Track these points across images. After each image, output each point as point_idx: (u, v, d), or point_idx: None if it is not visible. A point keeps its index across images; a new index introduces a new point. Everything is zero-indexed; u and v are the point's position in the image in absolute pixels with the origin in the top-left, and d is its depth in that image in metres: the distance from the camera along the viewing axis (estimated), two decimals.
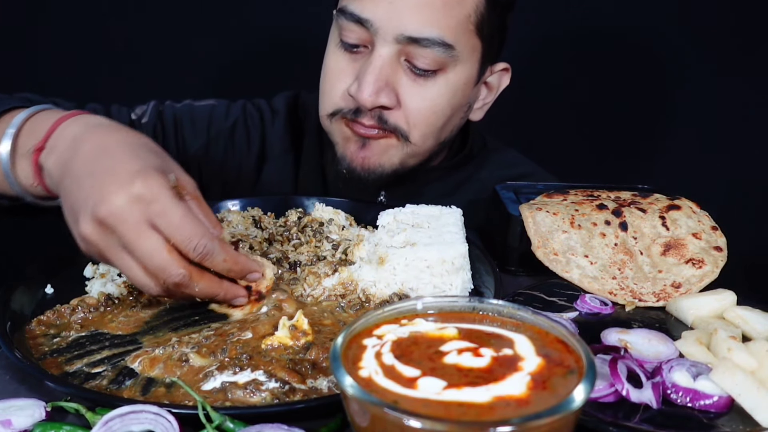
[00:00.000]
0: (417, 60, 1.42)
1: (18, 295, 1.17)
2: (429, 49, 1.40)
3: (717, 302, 1.15)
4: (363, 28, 1.41)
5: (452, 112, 1.52)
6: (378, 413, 0.64)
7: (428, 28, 1.38)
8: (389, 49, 1.41)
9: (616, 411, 0.90)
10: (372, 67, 1.41)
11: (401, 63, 1.44)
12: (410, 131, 1.49)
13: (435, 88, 1.46)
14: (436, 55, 1.41)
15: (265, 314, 1.13)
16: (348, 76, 1.47)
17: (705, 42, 2.45)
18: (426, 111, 1.47)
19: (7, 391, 0.97)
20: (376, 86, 1.41)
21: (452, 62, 1.44)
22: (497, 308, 0.80)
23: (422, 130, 1.50)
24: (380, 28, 1.39)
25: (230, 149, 1.77)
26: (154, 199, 0.96)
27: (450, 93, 1.48)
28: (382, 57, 1.41)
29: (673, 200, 1.36)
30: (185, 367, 0.98)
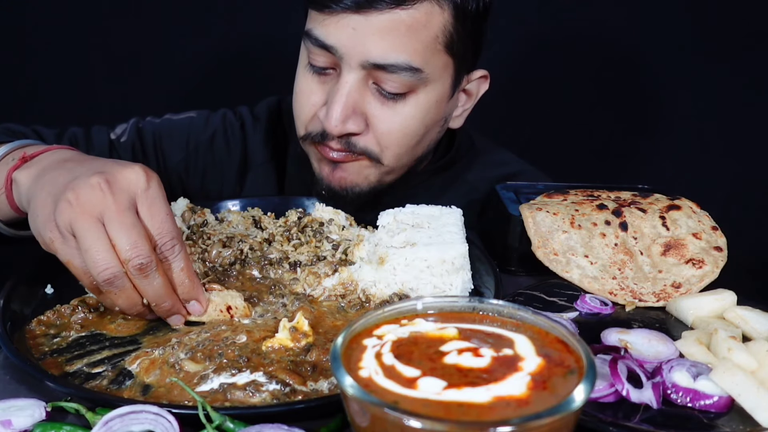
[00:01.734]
0: (385, 84, 1.39)
1: (18, 295, 1.17)
2: (396, 75, 1.36)
3: (717, 302, 1.15)
4: (328, 53, 1.38)
5: (425, 131, 1.49)
6: (378, 413, 0.64)
7: (394, 53, 1.35)
8: (356, 74, 1.38)
9: (616, 411, 0.90)
10: (339, 95, 1.38)
11: (369, 86, 1.41)
12: (381, 153, 1.47)
13: (405, 109, 1.43)
14: (404, 80, 1.38)
15: (261, 318, 1.13)
16: (317, 98, 1.45)
17: (705, 42, 2.45)
18: (397, 133, 1.45)
19: (7, 391, 0.97)
20: (343, 114, 1.38)
21: (422, 84, 1.41)
22: (497, 308, 0.80)
23: (394, 151, 1.47)
24: (345, 54, 1.36)
25: (210, 161, 1.75)
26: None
27: (422, 113, 1.45)
28: (349, 83, 1.38)
29: (673, 200, 1.36)
30: (180, 374, 0.98)
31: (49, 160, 1.16)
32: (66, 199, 0.99)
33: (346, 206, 1.50)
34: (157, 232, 1.02)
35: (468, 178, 1.73)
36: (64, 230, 1.00)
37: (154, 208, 1.02)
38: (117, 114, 2.63)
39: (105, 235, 0.98)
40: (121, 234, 0.98)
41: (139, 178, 1.02)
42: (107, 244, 0.98)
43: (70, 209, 0.99)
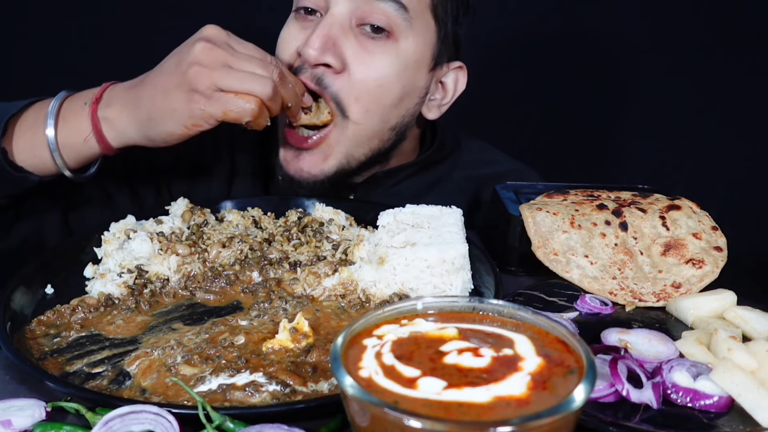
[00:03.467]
0: (370, 17, 1.40)
1: (18, 295, 1.17)
2: (383, 4, 1.39)
3: (717, 302, 1.15)
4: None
5: (402, 91, 1.47)
6: (378, 413, 0.64)
7: None
8: (342, 7, 1.40)
9: (616, 411, 0.90)
10: (322, 25, 1.40)
11: (353, 28, 1.42)
12: (349, 105, 1.43)
13: (384, 55, 1.43)
14: (389, 13, 1.40)
15: (257, 319, 1.13)
16: (298, 41, 1.44)
17: (706, 41, 2.45)
18: (372, 82, 1.43)
19: (7, 391, 0.97)
20: (322, 41, 1.38)
21: (405, 29, 1.42)
22: (497, 308, 0.80)
23: (365, 103, 1.44)
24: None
25: (198, 165, 1.73)
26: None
27: (399, 66, 1.44)
28: (334, 16, 1.40)
29: (673, 200, 1.36)
30: (177, 377, 0.97)
31: (119, 92, 1.30)
32: (192, 72, 1.19)
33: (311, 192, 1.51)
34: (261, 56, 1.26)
35: (454, 177, 1.72)
36: (208, 91, 1.19)
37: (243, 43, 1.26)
38: None
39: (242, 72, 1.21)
40: (252, 63, 1.22)
41: (217, 30, 1.24)
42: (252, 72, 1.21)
43: (201, 74, 1.19)
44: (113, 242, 1.33)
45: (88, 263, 1.31)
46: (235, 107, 1.21)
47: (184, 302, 1.21)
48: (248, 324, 1.11)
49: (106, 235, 1.36)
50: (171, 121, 1.24)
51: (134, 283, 1.22)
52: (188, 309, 1.19)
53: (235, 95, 1.21)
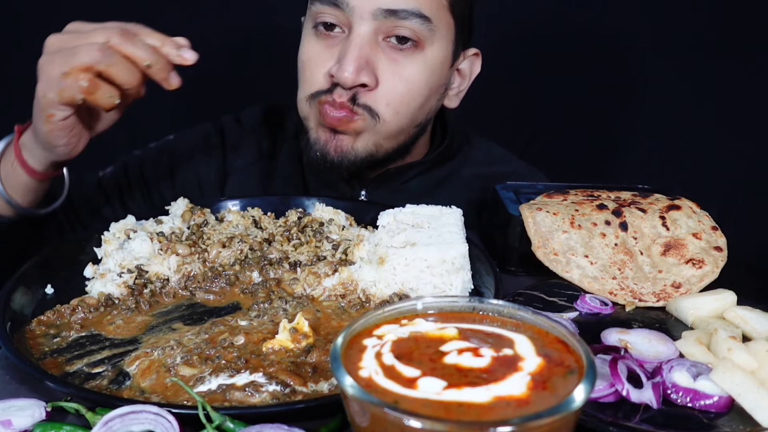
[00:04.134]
0: (396, 31, 1.42)
1: (18, 295, 1.17)
2: (407, 21, 1.41)
3: (717, 302, 1.15)
4: (339, 10, 1.43)
5: (429, 93, 1.53)
6: (378, 413, 0.64)
7: (405, 0, 1.40)
8: (367, 26, 1.41)
9: (616, 411, 0.90)
10: (352, 46, 1.41)
11: (379, 42, 1.44)
12: (380, 109, 1.47)
13: (413, 66, 1.47)
14: (414, 26, 1.42)
15: (257, 319, 1.13)
16: (327, 61, 1.47)
17: (706, 41, 2.45)
18: (402, 89, 1.47)
19: (7, 391, 0.97)
20: (357, 64, 1.41)
21: (430, 37, 1.45)
22: (497, 308, 0.80)
23: (396, 108, 1.48)
24: (356, 7, 1.40)
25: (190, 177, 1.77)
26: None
27: (428, 72, 1.49)
28: (361, 36, 1.42)
29: (673, 200, 1.36)
30: (177, 378, 0.97)
31: None
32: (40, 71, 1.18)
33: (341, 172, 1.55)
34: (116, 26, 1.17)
35: (463, 174, 1.75)
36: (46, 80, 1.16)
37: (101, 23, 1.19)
38: None
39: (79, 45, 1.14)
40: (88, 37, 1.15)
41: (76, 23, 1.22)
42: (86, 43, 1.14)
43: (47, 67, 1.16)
44: (113, 242, 1.33)
45: (88, 263, 1.31)
46: (65, 86, 1.14)
47: (184, 302, 1.21)
48: (248, 324, 1.11)
49: (106, 235, 1.36)
50: (39, 122, 1.22)
51: (134, 283, 1.22)
52: (188, 309, 1.19)
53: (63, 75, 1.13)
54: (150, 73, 1.17)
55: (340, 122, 1.48)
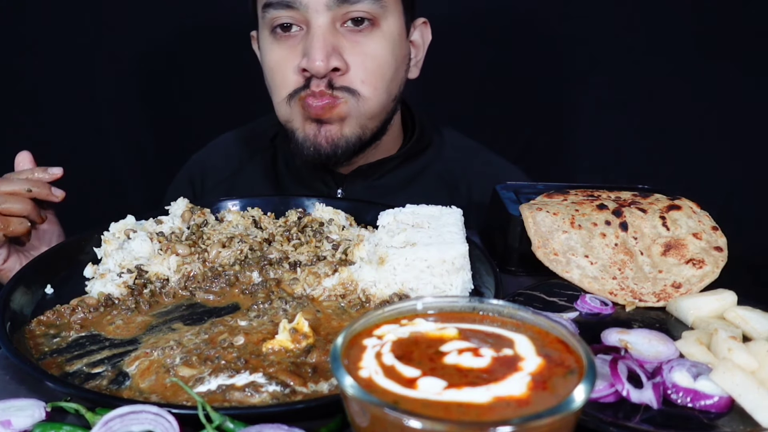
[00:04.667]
0: (351, 14, 1.49)
1: (18, 295, 1.17)
2: (359, 4, 1.49)
3: (717, 302, 1.15)
4: (293, 10, 1.49)
5: (396, 64, 1.60)
6: (378, 413, 0.64)
7: None
8: (324, 18, 1.48)
9: (617, 411, 0.90)
10: (316, 37, 1.48)
11: (338, 29, 1.51)
12: (358, 87, 1.54)
13: (374, 42, 1.54)
14: (367, 7, 1.50)
15: (257, 319, 1.13)
16: (293, 60, 1.53)
17: (706, 41, 2.44)
18: (372, 65, 1.54)
19: (7, 391, 0.97)
20: (324, 51, 1.47)
21: (383, 13, 1.53)
22: (497, 308, 0.80)
23: (372, 83, 1.55)
24: (309, 3, 1.47)
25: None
26: None
27: (390, 44, 1.56)
28: (321, 26, 1.48)
29: (673, 200, 1.36)
30: (176, 378, 0.97)
31: None
32: None
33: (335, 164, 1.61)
34: None
35: (437, 166, 1.79)
36: None
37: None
38: (117, 114, 2.64)
39: None
40: None
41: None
42: None
43: None
44: (113, 242, 1.33)
45: (88, 263, 1.31)
46: None
47: (184, 302, 1.21)
48: (247, 324, 1.11)
49: (106, 235, 1.36)
50: None
51: (134, 283, 1.22)
52: (188, 309, 1.19)
53: None
54: (34, 196, 1.36)
55: (325, 110, 1.53)
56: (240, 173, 1.86)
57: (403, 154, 1.74)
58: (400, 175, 1.74)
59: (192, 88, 2.60)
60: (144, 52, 2.57)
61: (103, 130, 2.66)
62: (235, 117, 2.02)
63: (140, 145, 2.71)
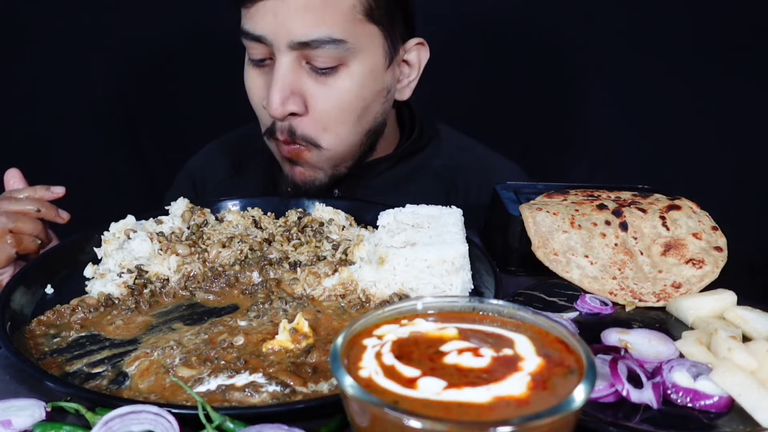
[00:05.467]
0: (315, 61, 1.43)
1: (18, 295, 1.17)
2: (321, 49, 1.41)
3: (717, 302, 1.15)
4: (262, 44, 1.44)
5: (365, 103, 1.52)
6: (378, 413, 0.64)
7: (314, 29, 1.39)
8: (287, 57, 1.42)
9: (616, 411, 0.90)
10: (275, 78, 1.43)
11: (303, 66, 1.45)
12: (318, 137, 1.49)
13: (339, 83, 1.46)
14: (330, 53, 1.42)
15: (257, 319, 1.13)
16: (262, 91, 1.50)
17: (706, 41, 2.44)
18: (334, 111, 1.47)
19: (7, 391, 0.97)
20: (281, 96, 1.43)
21: (349, 55, 1.44)
22: (497, 308, 0.80)
23: (334, 131, 1.50)
24: (273, 40, 1.42)
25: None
26: None
27: (357, 86, 1.48)
28: (283, 66, 1.43)
29: (673, 200, 1.36)
30: (176, 379, 0.97)
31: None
32: None
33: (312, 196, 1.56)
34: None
35: (434, 165, 1.76)
36: None
37: None
38: (117, 114, 2.64)
39: None
40: None
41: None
42: None
43: None
44: (113, 242, 1.33)
45: (88, 263, 1.31)
46: None
47: (184, 302, 1.21)
48: (247, 325, 1.11)
49: (106, 235, 1.36)
50: None
51: (134, 283, 1.22)
52: (188, 309, 1.19)
53: None
54: (42, 216, 1.37)
55: (292, 154, 1.52)
56: (237, 177, 1.86)
57: (400, 153, 1.72)
58: (397, 173, 1.72)
59: (192, 88, 2.60)
60: (144, 52, 2.57)
61: (104, 130, 2.67)
62: (235, 117, 2.01)
63: (140, 145, 2.71)
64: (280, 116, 1.45)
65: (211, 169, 1.90)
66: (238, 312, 1.17)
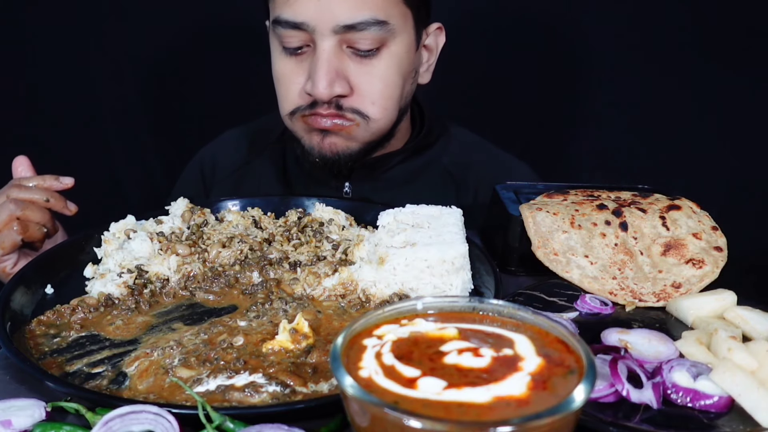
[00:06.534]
0: (358, 44, 1.47)
1: (18, 295, 1.17)
2: (366, 31, 1.46)
3: (717, 302, 1.15)
4: (301, 31, 1.47)
5: (403, 81, 1.58)
6: (378, 413, 0.64)
7: (360, 12, 1.44)
8: (330, 41, 1.46)
9: (616, 411, 0.90)
10: (320, 62, 1.47)
11: (344, 50, 1.49)
12: (368, 109, 1.54)
13: (382, 64, 1.52)
14: (374, 35, 1.47)
15: (256, 320, 1.13)
16: (299, 77, 1.53)
17: (706, 41, 2.44)
18: (380, 87, 1.53)
19: (7, 391, 0.97)
20: (328, 78, 1.47)
21: (390, 36, 1.50)
22: (497, 308, 0.80)
23: (381, 104, 1.55)
24: (317, 26, 1.45)
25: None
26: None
27: (396, 64, 1.54)
28: (326, 50, 1.47)
29: (673, 200, 1.36)
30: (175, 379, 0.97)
31: None
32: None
33: (340, 169, 1.61)
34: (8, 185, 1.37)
35: (443, 161, 1.80)
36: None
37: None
38: (117, 114, 2.64)
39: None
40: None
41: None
42: None
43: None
44: (113, 242, 1.33)
45: (88, 263, 1.31)
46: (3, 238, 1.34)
47: (184, 302, 1.21)
48: (247, 325, 1.11)
49: (106, 235, 1.36)
50: None
51: (134, 283, 1.22)
52: (188, 309, 1.19)
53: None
54: (50, 206, 1.37)
55: (334, 127, 1.54)
56: (249, 166, 1.86)
57: (410, 148, 1.75)
58: (407, 168, 1.75)
59: (193, 87, 2.60)
60: (144, 52, 2.57)
61: (104, 130, 2.66)
62: (236, 116, 2.02)
63: (140, 144, 2.71)
64: (327, 98, 1.49)
65: (226, 156, 1.90)
66: (238, 312, 1.17)
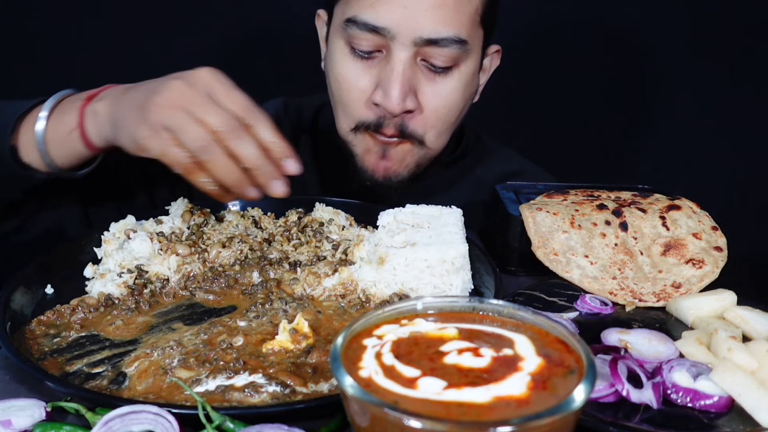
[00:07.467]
0: (434, 59, 1.42)
1: (18, 295, 1.17)
2: (446, 48, 1.41)
3: (717, 302, 1.15)
4: (378, 35, 1.40)
5: (464, 104, 1.54)
6: (378, 413, 0.64)
7: (444, 27, 1.39)
8: (407, 52, 1.40)
9: (616, 411, 0.90)
10: (395, 73, 1.41)
11: (418, 63, 1.44)
12: (425, 134, 1.50)
13: (450, 84, 1.47)
14: (452, 53, 1.42)
15: (256, 320, 1.13)
16: (366, 83, 1.46)
17: (706, 41, 2.45)
18: (443, 110, 1.49)
19: (7, 391, 0.96)
20: (402, 92, 1.41)
21: (465, 56, 1.46)
22: (497, 308, 0.80)
23: (438, 129, 1.51)
24: (398, 34, 1.38)
25: None
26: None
27: (464, 86, 1.50)
28: (403, 61, 1.40)
29: (673, 200, 1.36)
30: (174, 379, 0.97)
31: (115, 90, 1.25)
32: (153, 102, 1.11)
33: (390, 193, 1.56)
34: (239, 107, 1.11)
35: (477, 172, 1.78)
36: (157, 126, 1.10)
37: (231, 92, 1.13)
38: None
39: (193, 117, 1.09)
40: (207, 112, 1.09)
41: (210, 74, 1.13)
42: (197, 122, 1.09)
43: (157, 108, 1.11)
44: (113, 242, 1.33)
45: (88, 263, 1.31)
46: (171, 154, 1.11)
47: (184, 302, 1.21)
48: (246, 325, 1.11)
49: (106, 235, 1.36)
50: (125, 136, 1.17)
51: (134, 283, 1.22)
52: (188, 309, 1.19)
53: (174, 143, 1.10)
54: (251, 175, 1.13)
55: (391, 143, 1.51)
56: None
57: (448, 159, 1.73)
58: (443, 177, 1.73)
59: None
60: (145, 52, 2.57)
61: None
62: None
63: None
64: (399, 112, 1.43)
65: None
66: (238, 312, 1.17)
